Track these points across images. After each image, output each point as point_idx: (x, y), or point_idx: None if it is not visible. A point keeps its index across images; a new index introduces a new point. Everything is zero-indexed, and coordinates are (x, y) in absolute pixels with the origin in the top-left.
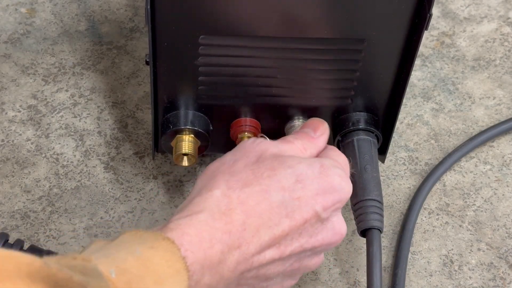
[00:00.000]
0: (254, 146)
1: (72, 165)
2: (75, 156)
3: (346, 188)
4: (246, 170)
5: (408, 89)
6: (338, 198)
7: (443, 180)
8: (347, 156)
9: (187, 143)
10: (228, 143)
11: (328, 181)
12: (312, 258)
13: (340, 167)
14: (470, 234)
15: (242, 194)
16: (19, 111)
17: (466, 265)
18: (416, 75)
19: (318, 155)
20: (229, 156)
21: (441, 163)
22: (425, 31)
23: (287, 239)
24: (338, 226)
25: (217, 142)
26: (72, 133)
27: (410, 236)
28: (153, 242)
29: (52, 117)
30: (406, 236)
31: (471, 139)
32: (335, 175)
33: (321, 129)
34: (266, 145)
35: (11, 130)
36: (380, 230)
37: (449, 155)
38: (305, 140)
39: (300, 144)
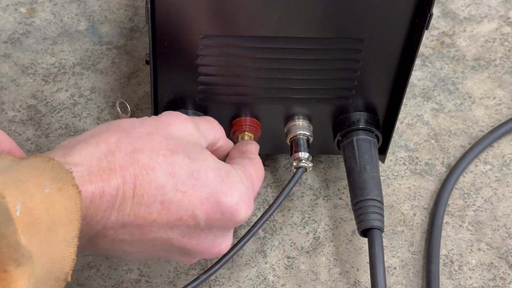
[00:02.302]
0: (173, 119)
1: None
2: None
3: (241, 210)
4: (146, 137)
5: (408, 89)
6: (229, 216)
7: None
8: (347, 156)
9: None
10: None
11: (226, 195)
12: (181, 257)
13: (247, 184)
14: (470, 234)
15: (127, 158)
16: (19, 111)
17: (466, 265)
18: (416, 75)
19: (235, 157)
20: (140, 119)
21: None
22: (425, 31)
23: (153, 225)
24: (219, 242)
25: None
26: (72, 133)
27: (440, 232)
28: (63, 183)
29: (52, 117)
30: (436, 232)
31: (491, 132)
32: (236, 190)
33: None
34: (182, 120)
35: (11, 130)
36: (381, 230)
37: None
38: (220, 126)
39: (216, 122)
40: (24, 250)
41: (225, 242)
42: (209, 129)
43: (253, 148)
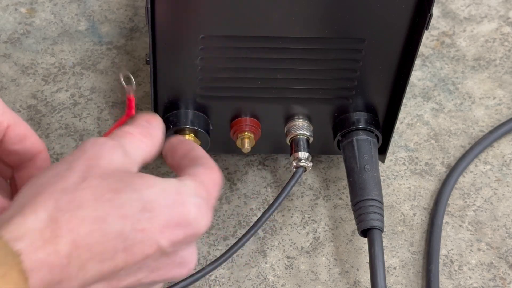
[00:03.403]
0: (99, 151)
1: None
2: None
3: (202, 223)
4: (83, 185)
5: (408, 89)
6: (191, 233)
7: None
8: (347, 156)
9: None
10: (228, 143)
11: (183, 212)
12: (153, 286)
13: (202, 194)
14: (470, 234)
15: (73, 220)
16: (19, 111)
17: (466, 265)
18: (416, 75)
19: (187, 166)
20: (64, 163)
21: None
22: (426, 31)
23: (120, 274)
24: (188, 259)
25: (217, 141)
26: (72, 133)
27: (439, 232)
28: (7, 269)
29: (52, 117)
30: (436, 232)
31: (491, 132)
32: (192, 205)
33: (155, 120)
34: (109, 150)
35: None
36: (380, 230)
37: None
38: (144, 130)
39: (140, 134)
40: None
41: (192, 259)
42: (137, 147)
43: (202, 152)
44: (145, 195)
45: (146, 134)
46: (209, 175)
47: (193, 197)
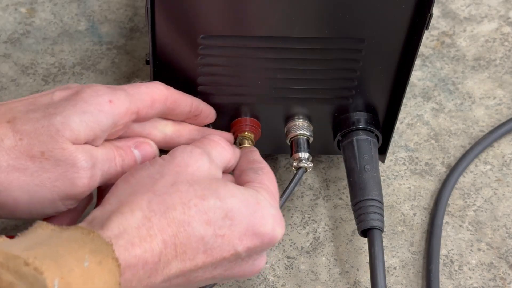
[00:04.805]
0: (188, 159)
1: None
2: None
3: (278, 234)
4: (173, 191)
5: (408, 89)
6: (267, 242)
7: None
8: (347, 156)
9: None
10: None
11: (261, 223)
12: (223, 281)
13: (275, 204)
14: (470, 234)
15: (163, 220)
16: None
17: (466, 265)
18: (416, 75)
19: (246, 169)
20: (157, 166)
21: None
22: (426, 31)
23: (198, 271)
24: (258, 263)
25: None
26: None
27: (440, 232)
28: (103, 257)
29: None
30: (436, 232)
31: (491, 132)
32: (269, 218)
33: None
34: (196, 157)
35: None
36: (381, 230)
37: (471, 149)
38: (226, 141)
39: (224, 143)
40: None
41: (263, 261)
42: (220, 154)
43: (258, 155)
44: (228, 204)
45: (228, 144)
46: (270, 180)
47: (269, 207)
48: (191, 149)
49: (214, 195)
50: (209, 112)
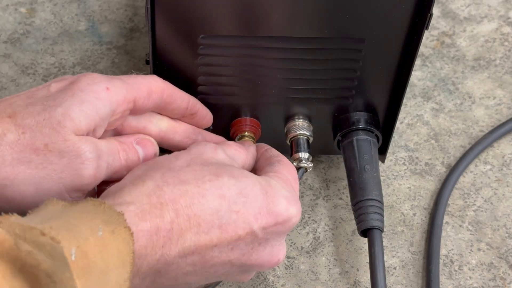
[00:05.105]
0: (203, 149)
1: None
2: None
3: (293, 214)
4: (187, 169)
5: (408, 89)
6: (282, 221)
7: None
8: (347, 156)
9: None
10: None
11: (275, 204)
12: (241, 275)
13: (288, 188)
14: (470, 234)
15: (175, 191)
16: None
17: (466, 265)
18: (416, 75)
19: (264, 166)
20: (174, 153)
21: (466, 154)
22: (426, 31)
23: (214, 250)
24: (277, 251)
25: None
26: None
27: (440, 232)
28: (115, 226)
29: None
30: (436, 232)
31: (491, 132)
32: (282, 198)
33: (249, 143)
34: (211, 148)
35: None
36: (381, 230)
37: (471, 149)
38: (240, 145)
39: (238, 146)
40: None
41: (282, 251)
42: (235, 154)
43: (275, 151)
44: (242, 182)
45: (241, 147)
46: (288, 170)
47: (282, 189)
48: (205, 143)
49: (228, 173)
50: (206, 113)
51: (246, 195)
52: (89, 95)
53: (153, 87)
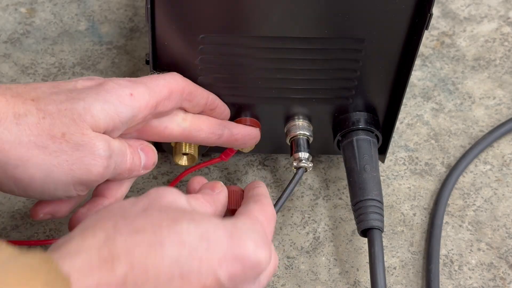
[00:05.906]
0: (163, 193)
1: None
2: None
3: (261, 258)
4: (143, 215)
5: (408, 89)
6: (250, 266)
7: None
8: (347, 156)
9: (187, 143)
10: None
11: (240, 246)
12: None
13: (258, 229)
14: (470, 234)
15: (129, 241)
16: None
17: (466, 265)
18: (416, 75)
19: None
20: (131, 199)
21: (466, 154)
22: (425, 31)
23: None
24: None
25: None
26: None
27: (439, 232)
28: None
29: None
30: (436, 232)
31: (491, 132)
32: (249, 240)
33: (219, 187)
34: (172, 193)
35: None
36: (380, 230)
37: (471, 149)
38: (207, 197)
39: (204, 199)
40: None
41: None
42: (201, 208)
43: (260, 190)
44: (203, 226)
45: (209, 199)
46: (261, 211)
47: (249, 231)
48: (167, 187)
49: (188, 218)
50: (224, 109)
51: (208, 239)
52: (113, 98)
53: (173, 86)
